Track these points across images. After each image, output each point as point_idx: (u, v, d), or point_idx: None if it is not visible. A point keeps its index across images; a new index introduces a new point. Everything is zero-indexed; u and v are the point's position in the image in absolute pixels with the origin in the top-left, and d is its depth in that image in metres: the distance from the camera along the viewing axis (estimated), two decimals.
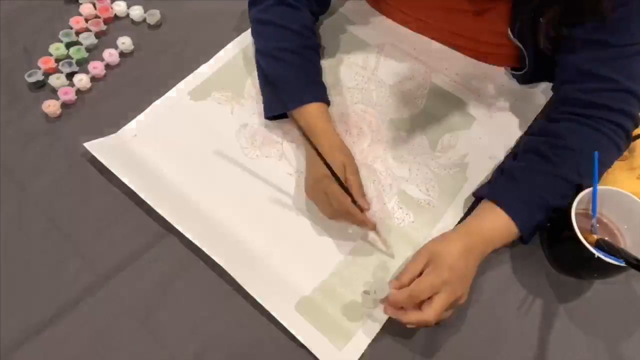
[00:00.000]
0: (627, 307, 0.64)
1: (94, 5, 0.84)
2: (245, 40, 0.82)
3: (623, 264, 0.54)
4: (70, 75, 0.76)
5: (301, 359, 0.58)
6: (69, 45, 0.79)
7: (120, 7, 0.84)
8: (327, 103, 0.72)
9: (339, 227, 0.66)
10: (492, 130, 0.76)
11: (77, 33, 0.81)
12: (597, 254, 0.55)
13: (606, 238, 0.58)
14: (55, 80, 0.75)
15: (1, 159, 0.69)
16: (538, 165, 0.64)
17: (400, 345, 0.59)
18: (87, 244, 0.63)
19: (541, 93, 0.79)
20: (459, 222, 0.66)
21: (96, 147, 0.68)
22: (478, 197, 0.67)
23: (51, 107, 0.72)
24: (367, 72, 0.81)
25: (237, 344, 0.59)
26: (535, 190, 0.62)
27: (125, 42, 0.80)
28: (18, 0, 0.85)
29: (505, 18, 0.70)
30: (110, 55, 0.79)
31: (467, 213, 0.68)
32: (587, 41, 0.64)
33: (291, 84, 0.71)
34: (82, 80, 0.75)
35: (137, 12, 0.84)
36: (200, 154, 0.71)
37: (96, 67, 0.77)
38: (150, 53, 0.81)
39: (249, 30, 0.82)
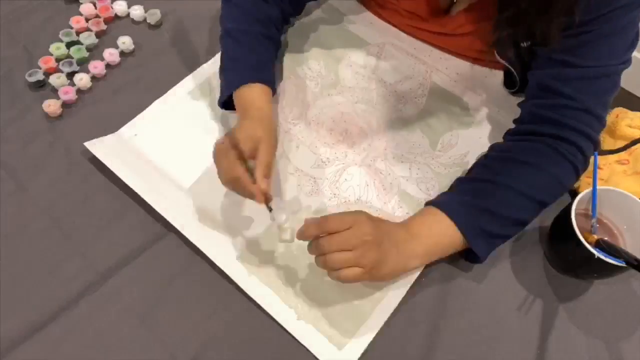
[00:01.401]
0: (627, 307, 0.64)
1: (95, 4, 0.84)
2: None
3: (623, 264, 0.54)
4: (70, 75, 0.77)
5: (301, 357, 0.58)
6: (69, 45, 0.79)
7: (120, 7, 0.84)
8: (271, 87, 0.71)
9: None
10: (492, 129, 0.76)
11: (78, 33, 0.81)
12: (597, 254, 0.55)
13: (606, 238, 0.58)
14: (55, 80, 0.75)
15: (2, 158, 0.69)
16: (479, 175, 0.64)
17: (399, 345, 0.59)
18: (88, 242, 0.64)
19: None
20: None
21: (96, 146, 0.68)
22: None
23: (52, 106, 0.72)
24: (368, 71, 0.81)
25: (237, 343, 0.59)
26: (473, 194, 0.62)
27: (125, 42, 0.80)
28: (18, 0, 0.85)
29: (488, 39, 0.70)
30: (111, 54, 0.79)
31: None
32: (551, 59, 0.63)
33: (240, 64, 0.70)
34: (82, 80, 0.75)
35: (137, 11, 0.84)
36: (200, 153, 0.71)
37: (96, 67, 0.77)
38: (150, 53, 0.82)
39: None
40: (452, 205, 0.61)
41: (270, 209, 0.60)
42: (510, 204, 0.61)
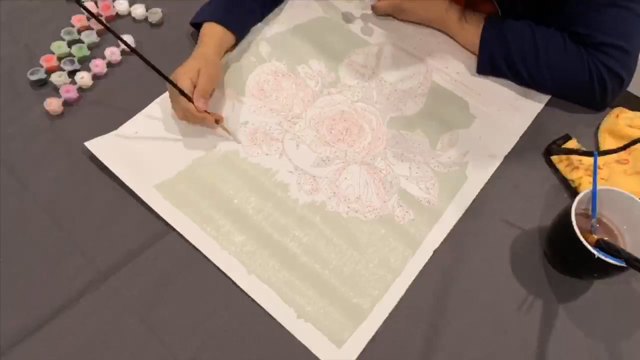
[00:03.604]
0: (627, 307, 0.63)
1: (96, 3, 0.84)
2: (246, 40, 0.82)
3: (623, 264, 0.54)
4: (72, 73, 0.77)
5: (302, 356, 0.58)
6: (70, 44, 0.80)
7: (122, 6, 0.84)
8: (234, 32, 0.77)
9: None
10: (492, 129, 0.76)
11: (79, 31, 0.81)
12: (597, 254, 0.55)
13: (606, 238, 0.58)
14: (57, 78, 0.75)
15: (3, 157, 0.69)
16: (537, 29, 0.75)
17: (399, 344, 0.59)
18: (88, 241, 0.64)
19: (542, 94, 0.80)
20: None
21: (97, 146, 0.68)
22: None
23: (53, 105, 0.72)
24: (368, 70, 0.81)
25: (237, 343, 0.59)
26: (511, 32, 0.75)
27: (127, 41, 0.80)
28: None
29: None
30: (112, 53, 0.79)
31: (468, 212, 0.68)
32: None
33: (215, 1, 0.79)
34: (83, 78, 0.75)
35: (139, 10, 0.84)
36: (200, 151, 0.71)
37: (98, 65, 0.77)
38: (151, 51, 0.81)
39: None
40: (493, 30, 0.77)
41: (227, 130, 0.71)
42: (524, 57, 0.75)
